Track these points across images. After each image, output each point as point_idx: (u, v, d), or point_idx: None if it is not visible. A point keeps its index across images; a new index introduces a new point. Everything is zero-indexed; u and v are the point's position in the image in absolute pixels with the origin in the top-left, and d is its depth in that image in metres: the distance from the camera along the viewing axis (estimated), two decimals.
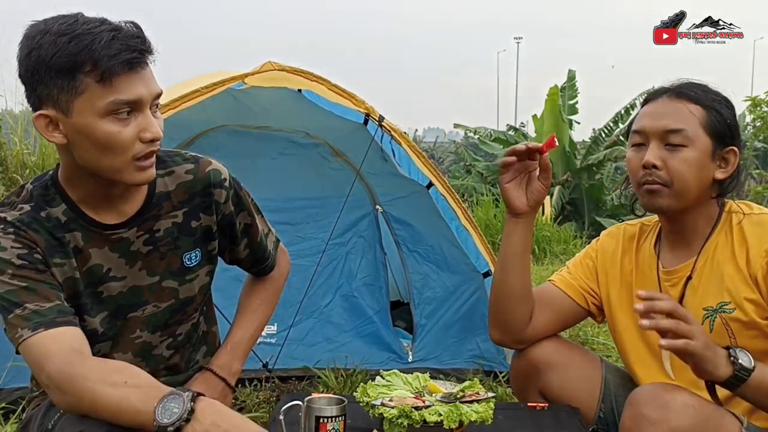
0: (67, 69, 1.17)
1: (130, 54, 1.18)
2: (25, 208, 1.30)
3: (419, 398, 1.57)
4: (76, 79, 1.17)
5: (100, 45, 1.16)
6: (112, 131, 1.20)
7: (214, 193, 1.43)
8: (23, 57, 1.20)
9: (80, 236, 1.32)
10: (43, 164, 6.07)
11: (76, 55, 1.16)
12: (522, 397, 1.81)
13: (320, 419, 1.47)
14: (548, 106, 10.21)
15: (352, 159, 3.27)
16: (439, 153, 20.51)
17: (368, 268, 3.33)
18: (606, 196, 10.15)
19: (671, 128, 1.48)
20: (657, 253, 1.64)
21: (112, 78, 1.17)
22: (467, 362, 3.07)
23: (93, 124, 1.20)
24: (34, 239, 1.28)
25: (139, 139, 1.23)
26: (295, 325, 3.02)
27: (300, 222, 3.31)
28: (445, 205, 3.12)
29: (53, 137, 1.23)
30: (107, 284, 1.36)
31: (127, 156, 1.23)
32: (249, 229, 1.54)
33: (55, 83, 1.18)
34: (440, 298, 3.17)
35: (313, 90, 2.90)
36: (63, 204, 1.32)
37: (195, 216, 1.43)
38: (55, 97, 1.19)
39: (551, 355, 1.71)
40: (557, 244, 7.29)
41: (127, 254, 1.37)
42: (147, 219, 1.38)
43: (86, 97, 1.18)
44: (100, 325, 1.37)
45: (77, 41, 1.16)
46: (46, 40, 1.17)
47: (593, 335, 3.83)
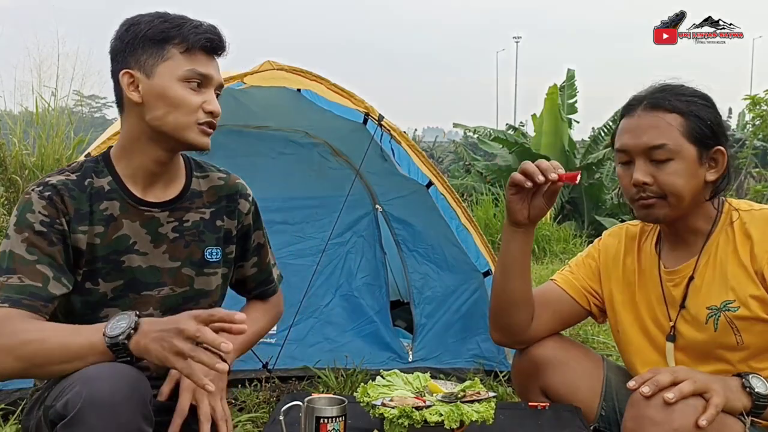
0: (159, 40, 1.42)
1: (213, 36, 1.45)
2: (71, 176, 1.47)
3: (420, 398, 1.56)
4: (164, 48, 1.42)
5: (189, 26, 1.43)
6: (184, 94, 1.43)
7: (239, 201, 1.61)
8: (122, 32, 1.45)
9: (118, 206, 1.47)
10: (42, 165, 6.07)
11: (169, 30, 1.42)
12: (524, 396, 1.81)
13: (320, 419, 1.47)
14: (547, 105, 10.20)
15: (352, 158, 3.27)
16: (438, 152, 20.51)
17: (368, 268, 3.33)
18: (605, 195, 10.15)
19: (653, 144, 1.47)
20: (658, 253, 1.64)
21: (194, 52, 1.43)
22: (467, 362, 3.06)
23: (170, 85, 1.42)
24: (65, 206, 1.42)
25: (202, 108, 1.44)
26: (295, 325, 3.01)
27: (300, 222, 3.31)
28: (444, 205, 3.11)
29: (132, 95, 1.43)
30: (130, 255, 1.48)
31: (192, 117, 1.43)
32: (260, 249, 1.68)
33: (145, 50, 1.42)
34: (440, 297, 3.16)
35: (313, 89, 2.89)
36: (109, 176, 1.48)
37: (220, 216, 1.58)
38: (143, 62, 1.42)
39: (553, 353, 1.71)
40: (557, 243, 7.29)
41: (154, 233, 1.50)
42: (179, 208, 1.53)
43: (169, 64, 1.42)
44: (110, 292, 1.48)
45: (170, 22, 1.43)
46: (144, 19, 1.44)
47: (593, 334, 3.83)
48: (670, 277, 1.60)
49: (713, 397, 1.31)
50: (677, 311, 1.58)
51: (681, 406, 1.30)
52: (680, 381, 1.32)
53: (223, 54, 1.50)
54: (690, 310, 1.56)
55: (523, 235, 1.67)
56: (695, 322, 1.55)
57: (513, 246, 1.67)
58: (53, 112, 6.99)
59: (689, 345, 1.57)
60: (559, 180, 1.53)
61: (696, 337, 1.55)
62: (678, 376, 1.33)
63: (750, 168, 11.21)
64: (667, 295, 1.60)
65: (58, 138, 6.46)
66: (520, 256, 1.68)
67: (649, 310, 1.64)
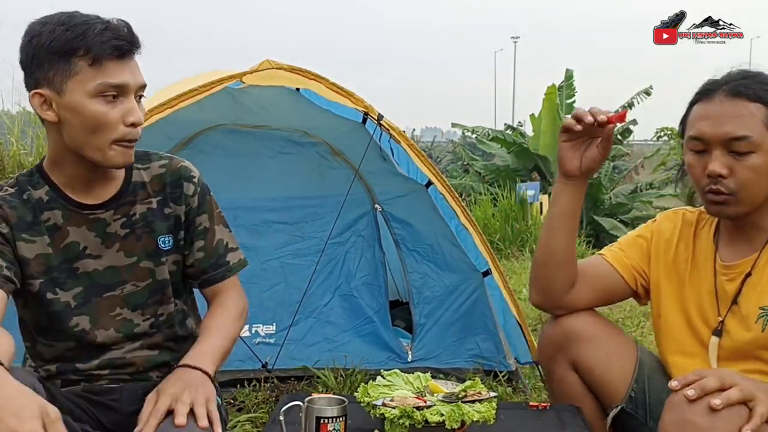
0: (63, 53, 1.32)
1: (119, 42, 1.34)
2: (8, 190, 1.44)
3: (421, 398, 1.56)
4: (70, 62, 1.32)
5: (92, 33, 1.32)
6: (100, 111, 1.34)
7: (182, 184, 1.54)
8: (25, 44, 1.36)
9: (60, 214, 1.44)
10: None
11: (72, 41, 1.31)
12: (548, 367, 1.75)
13: (321, 420, 1.46)
14: (546, 105, 10.20)
15: (351, 158, 3.26)
16: (436, 152, 20.49)
17: (367, 268, 3.32)
18: (604, 195, 10.15)
19: (735, 135, 1.38)
20: (716, 244, 1.57)
21: (102, 62, 1.32)
22: (467, 362, 3.06)
23: (83, 102, 1.33)
24: (5, 215, 1.40)
25: (122, 122, 1.36)
26: (294, 325, 3.01)
27: (299, 221, 3.30)
28: (444, 204, 3.11)
29: (46, 115, 1.36)
30: (83, 261, 1.46)
31: (111, 136, 1.36)
32: (206, 232, 1.57)
33: (51, 65, 1.33)
34: (439, 297, 3.15)
35: (311, 88, 2.88)
36: (46, 186, 1.45)
37: (167, 204, 1.53)
38: (51, 78, 1.33)
39: (588, 326, 1.64)
40: None
41: (103, 234, 1.48)
42: (123, 203, 1.49)
43: (78, 79, 1.33)
44: (73, 299, 1.46)
45: (73, 30, 1.32)
46: (45, 29, 1.33)
47: None
48: (725, 271, 1.53)
49: (758, 407, 1.24)
50: (728, 307, 1.52)
51: (725, 413, 1.23)
52: (727, 387, 1.24)
53: (138, 51, 1.39)
54: (741, 307, 1.50)
55: (573, 187, 1.61)
56: (744, 321, 1.49)
57: (562, 199, 1.62)
58: None
59: (734, 343, 1.51)
60: (608, 122, 1.48)
61: (742, 336, 1.49)
62: (725, 382, 1.25)
63: None
64: (719, 289, 1.53)
65: None
66: (568, 210, 1.62)
67: (696, 302, 1.57)
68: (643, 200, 10.44)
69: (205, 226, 1.57)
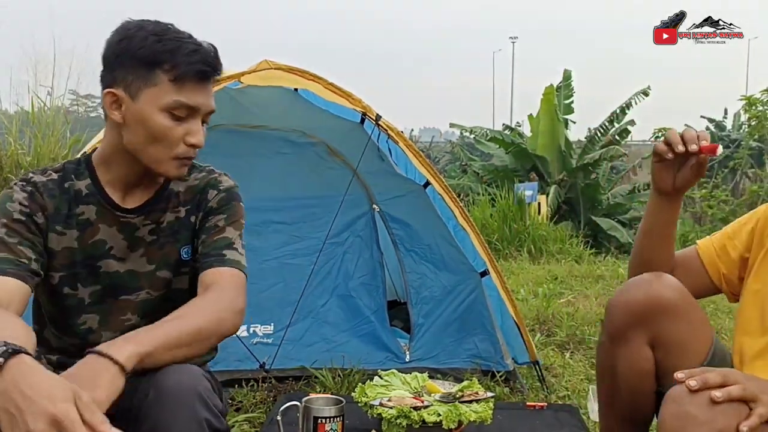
0: (149, 62, 1.34)
1: (205, 67, 1.36)
2: (52, 176, 1.45)
3: (418, 398, 1.56)
4: (153, 73, 1.34)
5: (182, 51, 1.34)
6: (166, 125, 1.36)
7: (208, 192, 1.52)
8: (114, 41, 1.37)
9: (94, 210, 1.45)
10: (38, 164, 6.05)
11: (161, 54, 1.34)
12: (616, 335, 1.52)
13: (318, 420, 1.46)
14: (544, 105, 10.21)
15: (349, 158, 3.26)
16: (435, 152, 20.50)
17: (365, 268, 3.32)
18: (602, 196, 10.17)
19: None
20: None
21: (184, 81, 1.35)
22: (465, 362, 3.06)
23: (152, 113, 1.35)
24: (44, 204, 1.41)
25: (184, 140, 1.39)
26: (291, 325, 3.01)
27: (297, 221, 3.30)
28: (442, 205, 3.11)
29: (113, 114, 1.38)
30: (106, 260, 1.46)
31: (170, 152, 1.38)
32: (214, 229, 1.49)
33: (133, 70, 1.35)
34: (437, 297, 3.15)
35: (310, 89, 2.89)
36: (88, 179, 1.46)
37: (193, 212, 1.52)
38: (129, 82, 1.35)
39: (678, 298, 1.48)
40: (553, 243, 7.30)
41: (131, 238, 1.47)
42: (154, 210, 1.49)
43: (155, 91, 1.35)
44: (88, 297, 1.46)
45: (165, 43, 1.35)
46: (138, 35, 1.35)
47: (590, 334, 3.83)
48: None
49: (759, 407, 1.24)
50: None
51: (725, 407, 1.23)
52: (730, 384, 1.24)
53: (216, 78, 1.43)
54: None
55: (667, 203, 1.57)
56: None
57: (654, 211, 1.58)
58: (49, 112, 6.96)
59: None
60: (700, 151, 1.45)
61: None
62: (728, 379, 1.25)
63: (746, 168, 11.23)
64: None
65: (54, 137, 6.44)
66: (662, 224, 1.58)
67: None
68: (641, 200, 10.46)
69: (216, 224, 1.50)
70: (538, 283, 5.37)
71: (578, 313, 4.29)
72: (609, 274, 5.97)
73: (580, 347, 3.68)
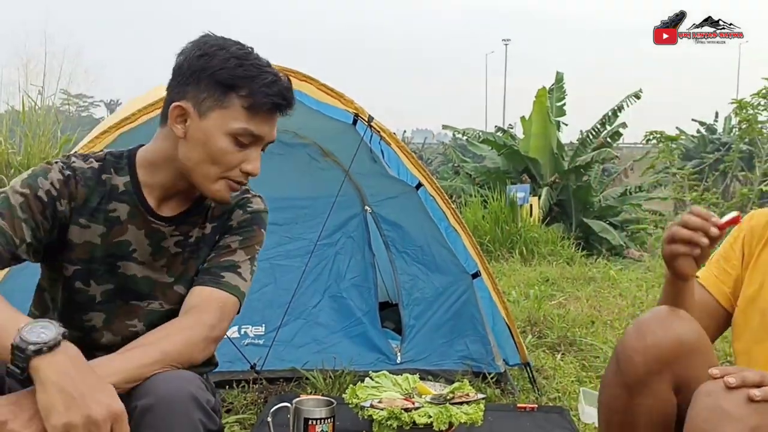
0: (226, 85, 1.32)
1: (281, 100, 1.35)
2: (93, 164, 1.41)
3: (409, 400, 1.56)
4: (227, 96, 1.33)
5: (261, 81, 1.33)
6: (227, 150, 1.35)
7: (234, 211, 1.50)
8: (193, 56, 1.35)
9: (127, 210, 1.41)
10: (29, 163, 6.03)
11: (240, 79, 1.32)
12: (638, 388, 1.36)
13: (309, 421, 1.46)
14: (536, 107, 10.24)
15: (341, 159, 3.26)
16: (427, 154, 20.55)
17: (357, 269, 3.32)
18: (593, 198, 10.20)
19: None
20: None
21: (257, 110, 1.34)
22: (456, 363, 3.06)
23: (217, 135, 1.34)
24: (74, 193, 1.38)
25: (240, 167, 1.37)
26: (283, 326, 3.00)
27: (288, 222, 3.29)
28: (434, 206, 3.11)
29: (176, 128, 1.35)
30: (126, 262, 1.43)
31: (224, 174, 1.37)
32: (225, 249, 1.46)
33: (208, 89, 1.33)
34: (429, 299, 3.16)
35: (302, 89, 2.88)
36: (128, 176, 1.42)
37: (218, 231, 1.49)
38: (200, 100, 1.34)
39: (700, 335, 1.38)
40: (545, 245, 7.31)
41: (156, 246, 1.44)
42: (186, 223, 1.46)
43: (226, 114, 1.33)
44: (99, 295, 1.43)
45: (246, 68, 1.33)
46: (220, 54, 1.33)
47: (581, 336, 3.84)
48: None
49: None
50: None
51: (761, 407, 1.19)
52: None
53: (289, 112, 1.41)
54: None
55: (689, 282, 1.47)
56: None
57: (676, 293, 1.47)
58: (40, 111, 6.94)
59: None
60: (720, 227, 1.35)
61: None
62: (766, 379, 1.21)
63: (736, 171, 11.30)
64: None
65: (45, 137, 6.43)
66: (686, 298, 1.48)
67: None
68: (632, 203, 10.50)
69: (228, 245, 1.47)
70: (530, 285, 5.38)
71: (569, 315, 4.30)
72: (600, 276, 5.99)
73: (571, 349, 3.68)
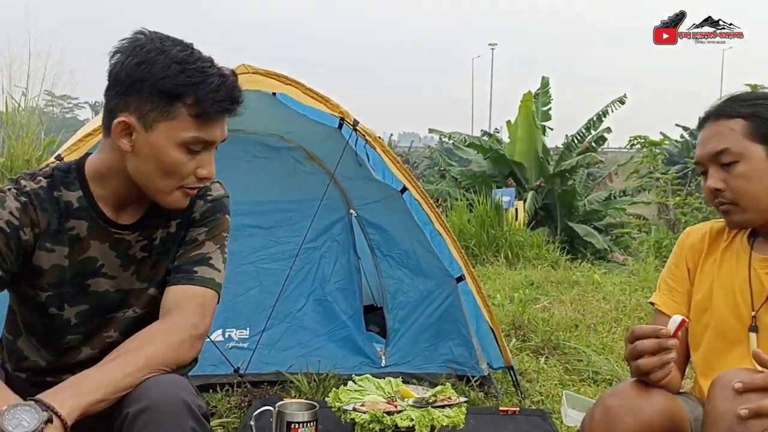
0: (171, 94, 1.25)
1: (230, 105, 1.29)
2: (42, 182, 1.34)
3: (391, 403, 1.57)
4: (173, 106, 1.25)
5: (207, 86, 1.25)
6: (180, 160, 1.29)
7: (196, 203, 1.45)
8: (131, 64, 1.26)
9: (86, 226, 1.36)
10: (12, 166, 5.97)
11: (185, 87, 1.24)
12: None
13: (292, 425, 1.47)
14: (522, 112, 10.31)
15: (327, 163, 3.26)
16: (414, 157, 20.59)
17: (342, 273, 3.32)
18: (578, 202, 10.27)
19: (716, 150, 1.48)
20: (750, 245, 1.56)
21: (206, 118, 1.27)
22: (440, 367, 3.07)
23: (167, 148, 1.27)
24: (36, 219, 1.31)
25: (195, 173, 1.32)
26: (267, 330, 3.00)
27: (273, 226, 3.30)
28: (419, 210, 3.12)
29: (122, 143, 1.28)
30: (97, 279, 1.38)
31: (177, 183, 1.31)
32: (193, 243, 1.43)
33: (151, 100, 1.25)
34: (413, 302, 3.17)
35: (288, 93, 2.88)
36: (80, 191, 1.36)
37: (183, 226, 1.45)
38: (145, 112, 1.26)
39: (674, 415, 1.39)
40: (530, 249, 7.35)
41: (123, 256, 1.40)
42: (148, 226, 1.42)
43: (173, 125, 1.26)
44: (74, 317, 1.38)
45: (189, 74, 1.25)
46: (160, 61, 1.25)
47: (565, 339, 3.86)
48: (764, 264, 1.51)
49: None
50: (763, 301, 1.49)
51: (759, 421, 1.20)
52: None
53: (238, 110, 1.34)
54: None
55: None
56: None
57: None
58: (23, 112, 6.88)
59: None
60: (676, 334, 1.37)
61: None
62: None
63: None
64: (755, 283, 1.51)
65: (28, 139, 6.37)
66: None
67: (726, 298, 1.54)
68: (616, 207, 10.58)
69: (196, 238, 1.43)
70: (515, 289, 5.40)
71: (553, 319, 4.32)
72: (584, 279, 6.03)
73: (555, 352, 3.71)
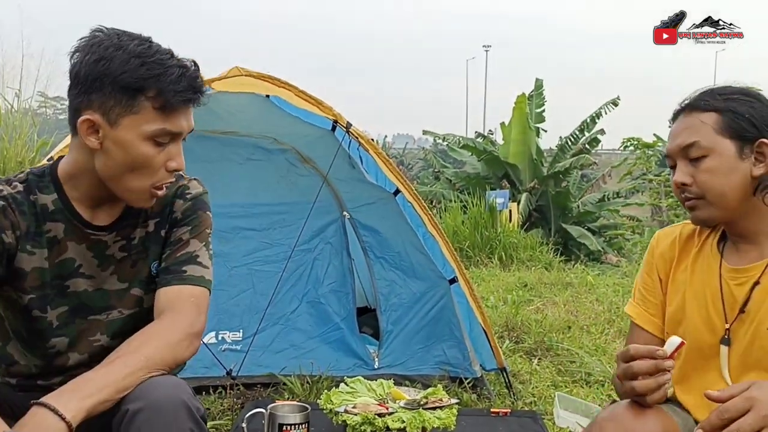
0: (132, 88, 1.25)
1: (193, 94, 1.30)
2: (18, 187, 1.36)
3: (383, 405, 1.58)
4: (135, 99, 1.26)
5: (168, 78, 1.26)
6: (149, 154, 1.29)
7: (175, 203, 1.45)
8: (90, 61, 1.26)
9: (62, 228, 1.37)
10: (4, 167, 5.96)
11: (145, 80, 1.25)
12: None
13: (283, 427, 1.47)
14: (516, 114, 10.33)
15: (320, 165, 3.27)
16: (408, 159, 20.61)
17: (335, 275, 3.33)
18: (572, 203, 10.30)
19: (685, 144, 1.46)
20: (720, 252, 1.53)
21: (170, 109, 1.27)
22: (433, 368, 3.08)
23: (134, 142, 1.27)
24: (17, 222, 1.33)
25: (165, 166, 1.32)
26: (260, 332, 3.00)
27: (266, 228, 3.30)
28: (411, 212, 3.13)
29: (89, 141, 1.29)
30: (75, 279, 1.39)
31: (148, 180, 1.31)
32: (179, 243, 1.43)
33: (113, 96, 1.25)
34: (406, 304, 3.17)
35: (281, 96, 2.89)
36: (54, 194, 1.37)
37: (163, 225, 1.45)
38: (108, 108, 1.26)
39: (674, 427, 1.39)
40: (524, 251, 7.37)
41: (101, 256, 1.41)
42: (125, 226, 1.42)
43: (138, 118, 1.26)
44: (56, 319, 1.39)
45: (149, 67, 1.25)
46: (119, 56, 1.25)
47: (558, 341, 3.87)
48: (734, 275, 1.48)
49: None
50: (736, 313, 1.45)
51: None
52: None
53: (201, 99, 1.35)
54: (751, 314, 1.42)
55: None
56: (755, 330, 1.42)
57: None
58: (16, 114, 6.87)
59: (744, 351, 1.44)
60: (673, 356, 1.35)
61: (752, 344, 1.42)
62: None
63: None
64: (726, 295, 1.48)
65: (21, 140, 6.36)
66: None
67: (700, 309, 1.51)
68: (610, 209, 10.62)
69: (180, 237, 1.44)
70: (508, 290, 5.42)
71: (546, 320, 4.34)
72: (578, 281, 6.05)
73: (548, 354, 3.72)
